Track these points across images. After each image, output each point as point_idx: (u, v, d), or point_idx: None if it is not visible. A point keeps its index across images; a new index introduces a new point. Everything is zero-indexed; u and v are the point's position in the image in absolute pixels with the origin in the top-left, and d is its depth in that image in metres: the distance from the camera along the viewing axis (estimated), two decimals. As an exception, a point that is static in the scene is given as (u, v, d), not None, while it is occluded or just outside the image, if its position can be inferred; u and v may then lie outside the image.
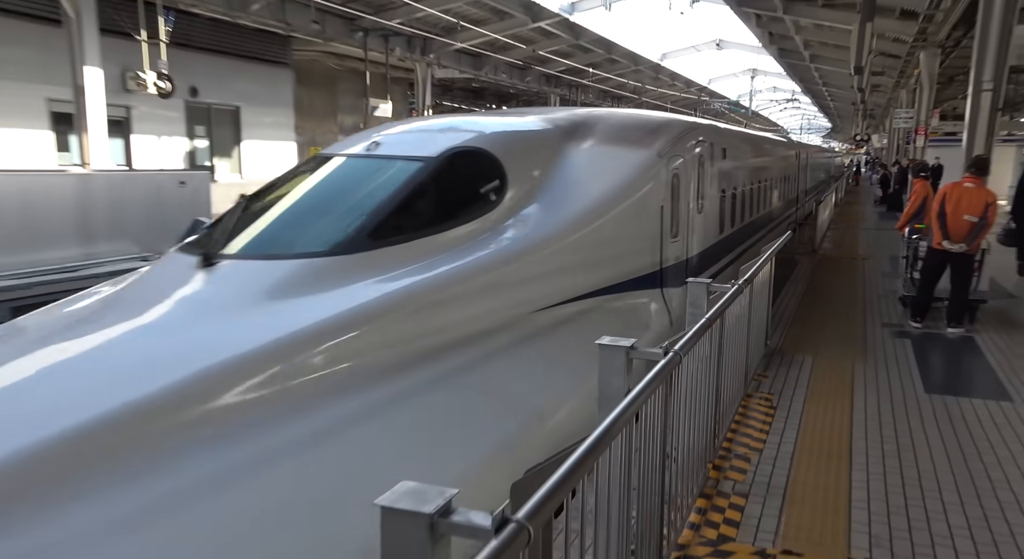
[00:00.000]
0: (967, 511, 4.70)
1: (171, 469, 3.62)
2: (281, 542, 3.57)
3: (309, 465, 4.00)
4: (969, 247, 9.08)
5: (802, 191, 25.46)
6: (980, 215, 8.92)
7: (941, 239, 9.16)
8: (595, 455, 2.30)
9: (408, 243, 5.59)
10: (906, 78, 31.25)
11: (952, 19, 19.05)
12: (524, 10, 27.59)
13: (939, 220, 9.14)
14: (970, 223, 8.97)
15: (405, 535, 1.66)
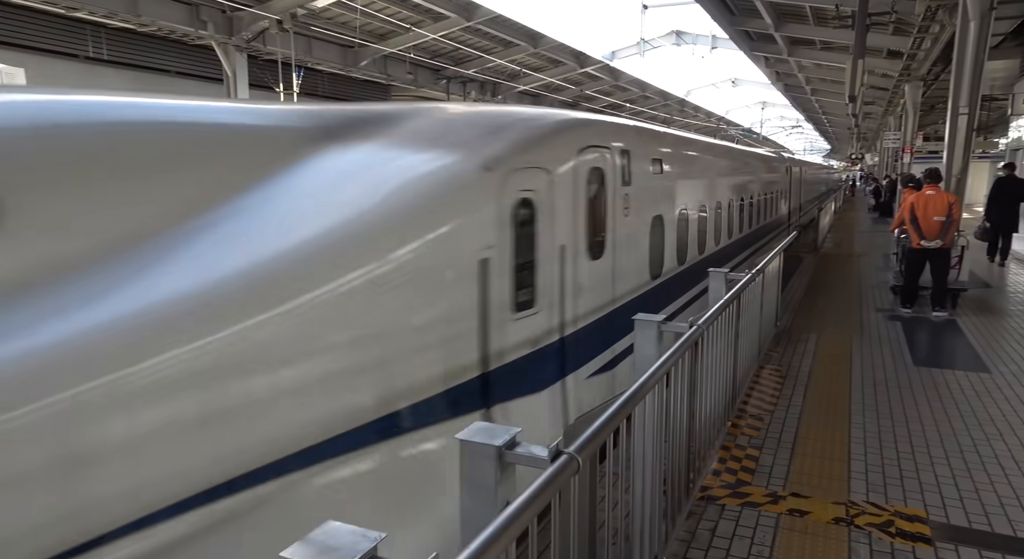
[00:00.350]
0: (951, 463, 4.44)
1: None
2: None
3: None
4: (944, 242, 8.82)
5: (795, 208, 20.88)
6: (946, 214, 8.75)
7: (919, 240, 8.91)
8: (632, 405, 2.24)
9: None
10: (893, 106, 29.83)
11: (932, 56, 18.10)
12: (574, 58, 27.40)
13: (913, 224, 8.94)
14: (940, 222, 8.76)
15: (479, 465, 1.64)
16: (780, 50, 23.67)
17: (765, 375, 6.37)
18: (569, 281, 4.68)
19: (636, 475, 2.85)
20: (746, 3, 18.74)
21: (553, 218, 4.45)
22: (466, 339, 3.66)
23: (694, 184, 8.55)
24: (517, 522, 1.33)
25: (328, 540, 1.21)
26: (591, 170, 5.12)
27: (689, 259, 8.18)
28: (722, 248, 10.27)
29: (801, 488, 4.10)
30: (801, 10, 18.89)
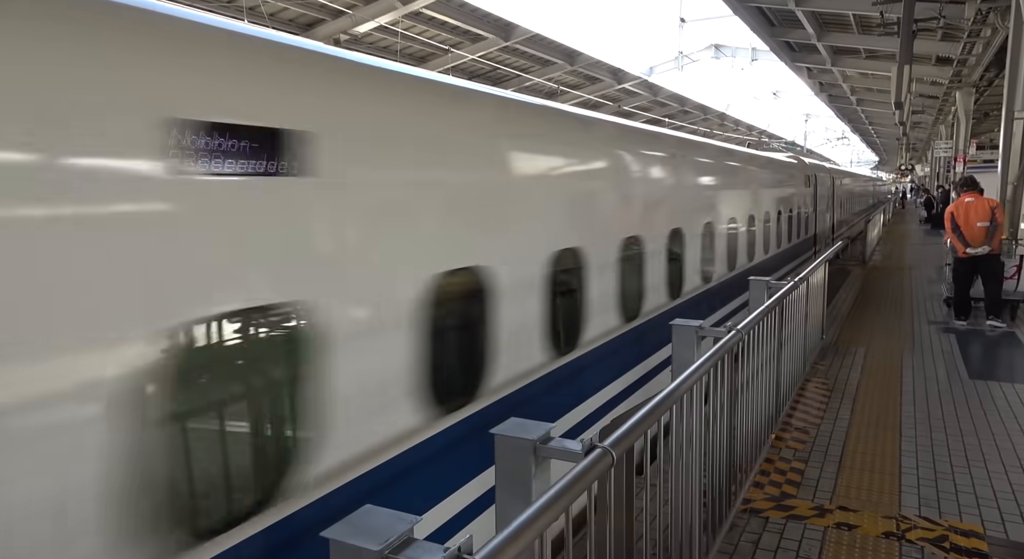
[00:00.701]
0: (1011, 478, 4.25)
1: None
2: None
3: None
4: (992, 247, 8.57)
5: (826, 228, 16.57)
6: (989, 219, 8.55)
7: (964, 248, 8.68)
8: (667, 404, 2.23)
9: None
10: (944, 115, 28.94)
11: (984, 62, 17.52)
12: (611, 75, 27.49)
13: (956, 233, 8.73)
14: (984, 228, 8.55)
15: (514, 459, 1.67)
16: (823, 60, 23.29)
17: (811, 388, 6.22)
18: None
19: (675, 486, 2.82)
20: (786, 13, 18.53)
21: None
22: None
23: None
24: (549, 511, 1.35)
25: (367, 521, 1.25)
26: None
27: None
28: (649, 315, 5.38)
29: (849, 502, 3.98)
30: (844, 18, 18.59)
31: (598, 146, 4.79)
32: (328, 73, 2.61)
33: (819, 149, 76.25)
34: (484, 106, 3.68)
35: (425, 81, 3.35)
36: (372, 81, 2.88)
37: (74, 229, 1.57)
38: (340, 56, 2.87)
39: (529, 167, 3.71)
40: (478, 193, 3.27)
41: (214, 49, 2.09)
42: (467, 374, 3.05)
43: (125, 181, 1.70)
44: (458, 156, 3.14)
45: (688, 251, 6.37)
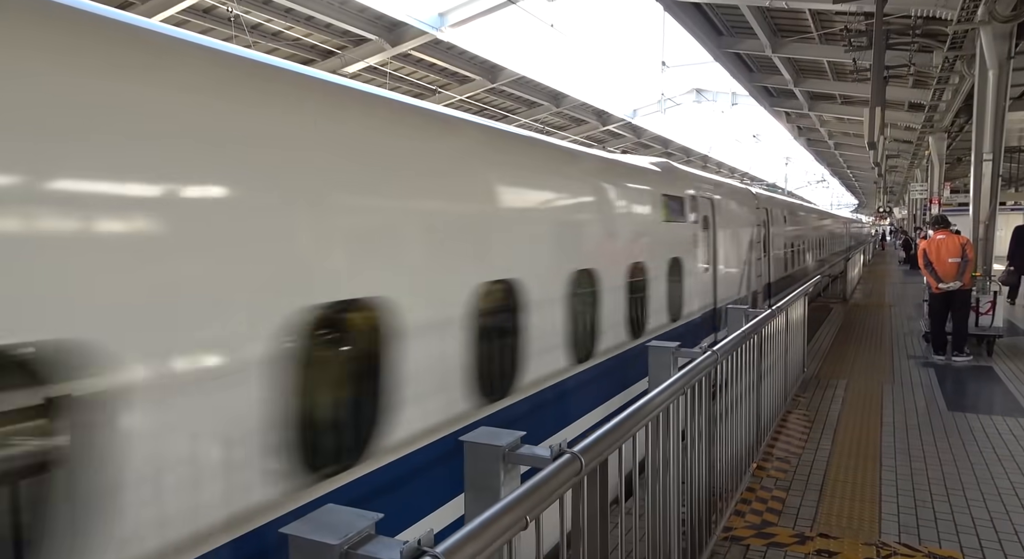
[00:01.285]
0: (989, 506, 4.25)
1: None
2: None
3: None
4: (963, 282, 8.77)
5: (779, 279, 12.56)
6: (960, 255, 8.77)
7: (937, 283, 8.89)
8: (640, 416, 2.23)
9: None
10: (919, 159, 29.76)
11: (954, 108, 18.14)
12: (596, 117, 28.09)
13: (928, 269, 8.97)
14: (955, 264, 8.77)
15: (483, 466, 1.66)
16: (800, 105, 24.00)
17: (792, 419, 6.22)
18: None
19: (652, 512, 2.79)
20: (764, 60, 19.16)
21: None
22: None
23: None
24: (514, 510, 1.34)
25: (328, 519, 1.23)
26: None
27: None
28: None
29: (830, 529, 3.96)
30: (819, 65, 19.25)
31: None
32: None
33: (799, 191, 77.80)
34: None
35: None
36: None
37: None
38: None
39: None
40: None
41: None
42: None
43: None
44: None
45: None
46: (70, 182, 1.66)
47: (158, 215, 1.84)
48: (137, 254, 1.76)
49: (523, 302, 3.50)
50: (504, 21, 51.46)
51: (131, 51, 1.91)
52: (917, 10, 11.84)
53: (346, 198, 2.53)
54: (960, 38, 12.22)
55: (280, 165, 2.23)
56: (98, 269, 1.66)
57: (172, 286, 1.83)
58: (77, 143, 1.67)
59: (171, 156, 1.89)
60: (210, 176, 2.02)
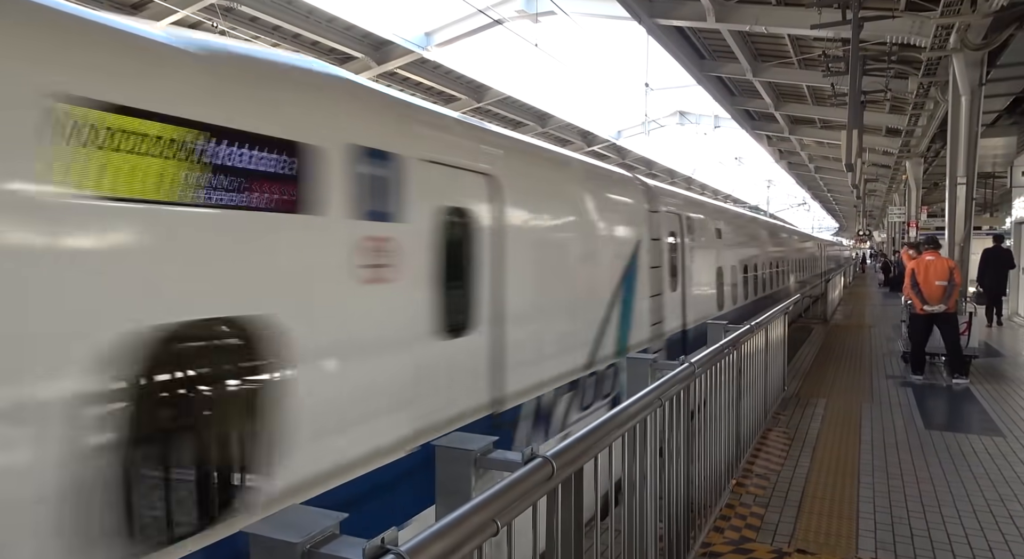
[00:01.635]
0: (964, 523, 4.28)
1: None
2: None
3: None
4: (947, 306, 8.78)
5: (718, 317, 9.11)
6: (947, 278, 8.78)
7: (922, 305, 8.89)
8: (615, 423, 2.22)
9: None
10: (897, 183, 30.39)
11: (930, 133, 18.61)
12: (581, 137, 28.39)
13: (915, 290, 8.96)
14: (941, 287, 8.78)
15: (455, 471, 1.65)
16: (781, 129, 24.47)
17: (772, 437, 6.24)
18: None
19: (628, 526, 2.78)
20: (745, 83, 19.55)
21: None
22: None
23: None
24: (483, 510, 1.33)
25: (291, 518, 1.22)
26: None
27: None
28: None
29: (807, 544, 3.96)
30: (799, 89, 19.66)
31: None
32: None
33: (781, 213, 78.88)
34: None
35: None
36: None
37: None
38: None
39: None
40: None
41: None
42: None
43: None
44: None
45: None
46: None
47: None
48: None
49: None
50: (490, 41, 52.07)
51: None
52: (892, 37, 12.17)
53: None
54: (934, 65, 12.57)
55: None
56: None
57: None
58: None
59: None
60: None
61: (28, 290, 1.63)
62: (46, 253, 1.69)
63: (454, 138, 3.73)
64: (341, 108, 2.82)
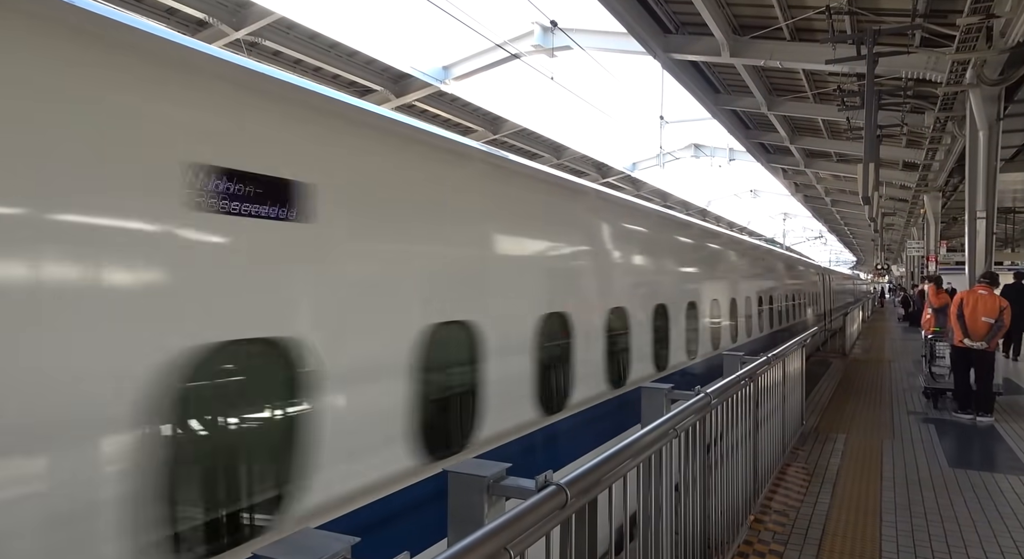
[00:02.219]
0: (993, 565, 4.13)
1: None
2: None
3: None
4: (988, 345, 8.44)
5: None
6: (996, 317, 8.41)
7: (962, 337, 8.54)
8: (629, 452, 2.19)
9: None
10: (915, 217, 30.19)
11: (947, 167, 18.56)
12: (596, 169, 28.59)
13: (959, 321, 8.59)
14: (988, 324, 8.41)
15: (467, 497, 1.63)
16: (797, 162, 24.49)
17: (791, 472, 6.10)
18: None
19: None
20: (760, 117, 19.66)
21: None
22: None
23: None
24: (494, 538, 1.31)
25: (303, 541, 1.21)
26: None
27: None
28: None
29: (828, 585, 3.83)
30: (814, 123, 19.72)
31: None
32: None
33: (797, 246, 78.42)
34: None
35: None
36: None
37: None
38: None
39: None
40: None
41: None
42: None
43: None
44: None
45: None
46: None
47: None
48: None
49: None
50: (506, 74, 52.97)
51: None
52: (907, 72, 12.23)
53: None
54: (950, 99, 12.59)
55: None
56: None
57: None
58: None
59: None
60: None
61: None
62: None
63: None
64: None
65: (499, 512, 1.65)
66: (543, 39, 17.25)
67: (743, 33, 12.83)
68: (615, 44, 16.18)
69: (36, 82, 1.73)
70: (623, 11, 11.88)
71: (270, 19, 13.51)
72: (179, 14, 12.78)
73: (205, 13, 12.86)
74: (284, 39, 14.65)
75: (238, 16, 13.42)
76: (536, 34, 17.09)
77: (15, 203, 1.65)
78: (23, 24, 1.73)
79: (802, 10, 11.56)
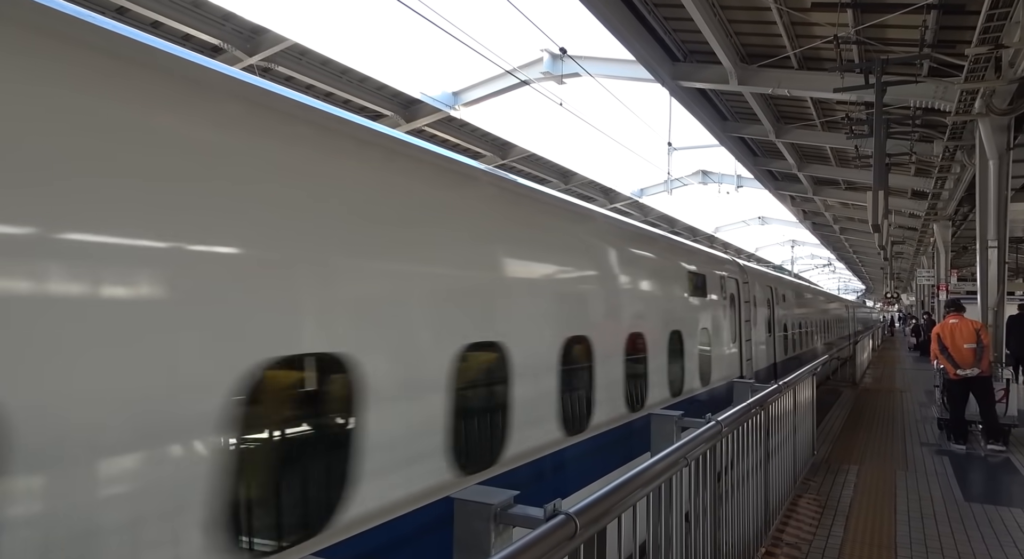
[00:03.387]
0: (1013, 603, 4.01)
1: None
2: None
3: None
4: (981, 368, 8.48)
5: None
6: (975, 340, 8.54)
7: (955, 369, 8.61)
8: (639, 481, 2.15)
9: None
10: (924, 245, 30.06)
11: (957, 196, 18.49)
12: (603, 194, 28.70)
13: (944, 354, 8.71)
14: (971, 349, 8.52)
15: (473, 525, 1.59)
16: (805, 189, 24.51)
17: (803, 504, 5.99)
18: None
19: None
20: (768, 144, 19.74)
21: None
22: None
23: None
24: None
25: None
26: None
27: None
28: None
29: (843, 622, 3.73)
30: (822, 151, 19.78)
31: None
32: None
33: (806, 274, 78.15)
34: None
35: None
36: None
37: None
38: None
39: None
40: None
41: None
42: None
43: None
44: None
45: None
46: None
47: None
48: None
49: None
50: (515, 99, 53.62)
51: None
52: (916, 101, 12.27)
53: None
54: (959, 129, 12.60)
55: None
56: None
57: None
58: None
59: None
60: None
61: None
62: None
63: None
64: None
65: (506, 541, 1.62)
66: (552, 66, 17.46)
67: (751, 61, 12.94)
68: (623, 71, 16.35)
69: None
70: (632, 39, 12.02)
71: (284, 45, 13.76)
72: (195, 40, 13.03)
73: (220, 39, 13.11)
74: (297, 65, 14.88)
75: (252, 42, 13.67)
76: (545, 61, 17.31)
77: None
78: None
79: (809, 39, 11.67)
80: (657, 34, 12.70)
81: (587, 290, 4.46)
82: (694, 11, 10.47)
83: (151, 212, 1.82)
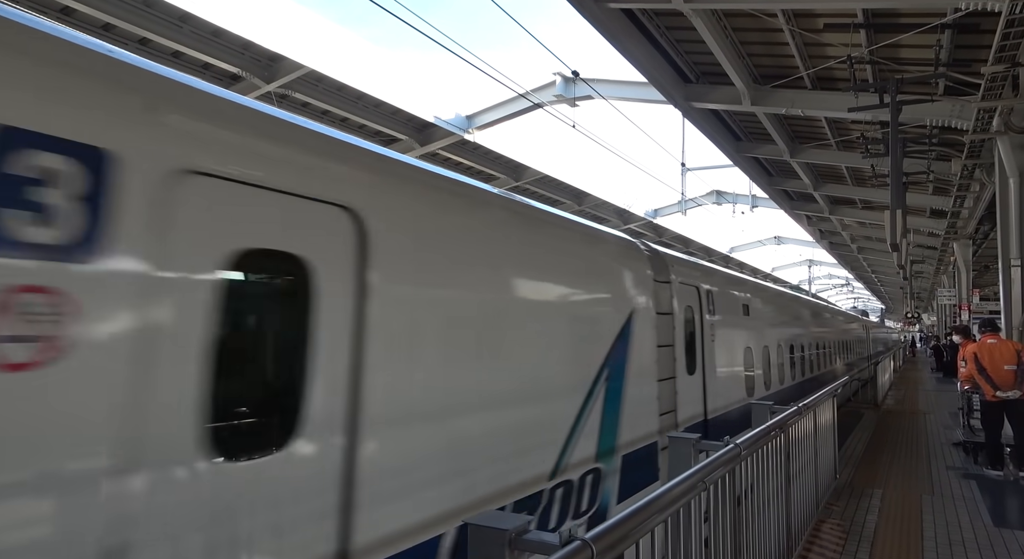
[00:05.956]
0: (1048, 634, 3.89)
1: None
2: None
3: None
4: (1021, 391, 8.13)
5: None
6: (1016, 362, 8.20)
7: (994, 391, 8.26)
8: (657, 506, 2.12)
9: None
10: (944, 265, 29.69)
11: (977, 215, 18.30)
12: (617, 215, 28.74)
13: (983, 375, 8.36)
14: (1012, 371, 8.18)
15: (488, 551, 1.59)
16: (821, 209, 24.38)
17: (826, 529, 5.87)
18: None
19: None
20: (782, 164, 19.70)
21: None
22: None
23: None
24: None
25: None
26: None
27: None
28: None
29: (871, 653, 3.63)
30: (838, 170, 19.70)
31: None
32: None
33: (824, 294, 77.28)
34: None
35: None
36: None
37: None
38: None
39: None
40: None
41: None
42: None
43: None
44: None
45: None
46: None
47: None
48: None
49: None
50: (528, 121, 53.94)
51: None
52: (932, 120, 12.23)
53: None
54: (978, 147, 12.51)
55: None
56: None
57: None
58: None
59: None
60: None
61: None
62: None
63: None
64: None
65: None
66: (564, 89, 17.63)
67: (764, 82, 12.99)
68: (636, 93, 16.46)
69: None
70: (644, 61, 12.13)
71: (300, 72, 14.02)
72: (214, 69, 13.32)
73: (239, 67, 13.39)
74: (313, 91, 15.16)
75: (270, 70, 13.96)
76: (558, 84, 17.48)
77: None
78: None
79: (823, 60, 11.70)
80: (669, 56, 12.81)
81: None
82: (706, 33, 10.56)
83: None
